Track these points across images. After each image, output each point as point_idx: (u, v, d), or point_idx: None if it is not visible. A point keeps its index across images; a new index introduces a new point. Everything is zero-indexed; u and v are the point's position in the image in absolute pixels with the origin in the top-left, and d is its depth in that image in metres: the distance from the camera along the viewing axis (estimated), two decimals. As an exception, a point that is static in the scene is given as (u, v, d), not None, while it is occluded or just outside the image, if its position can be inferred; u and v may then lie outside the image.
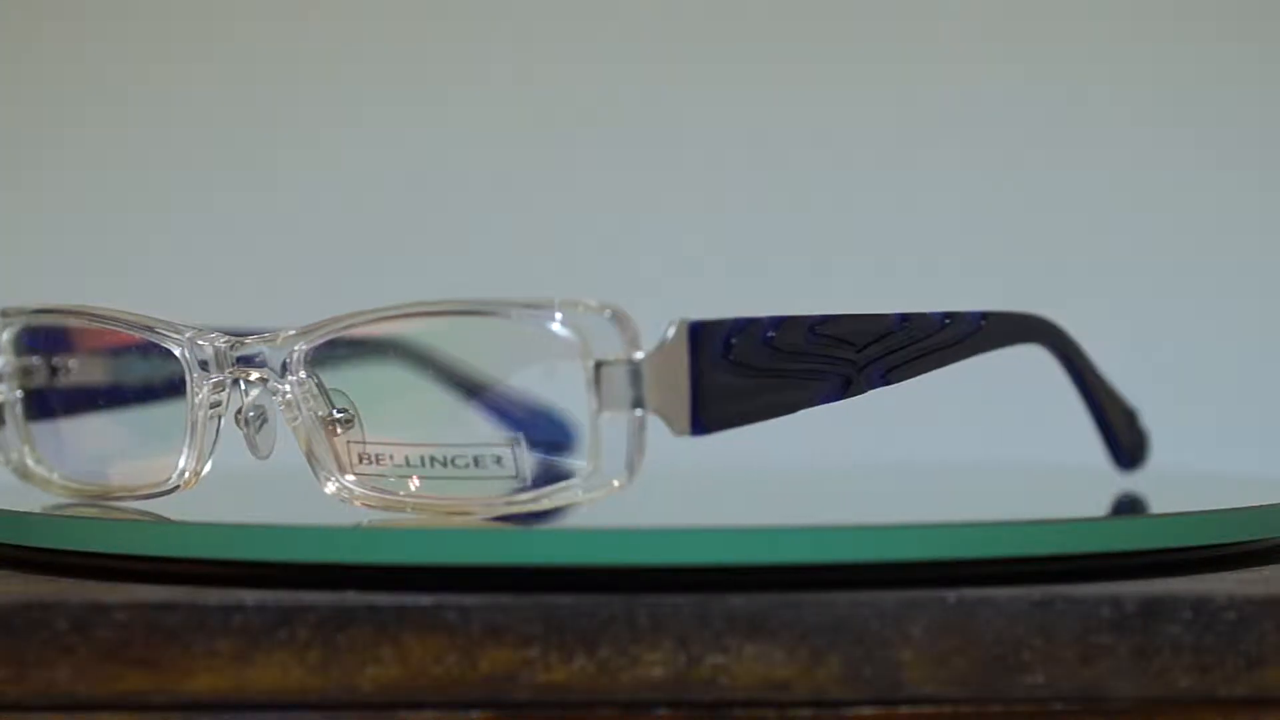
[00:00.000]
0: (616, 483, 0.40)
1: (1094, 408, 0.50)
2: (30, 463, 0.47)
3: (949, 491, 0.56)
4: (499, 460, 0.41)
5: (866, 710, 0.37)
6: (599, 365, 0.40)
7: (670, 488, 0.57)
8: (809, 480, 0.59)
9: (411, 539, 0.38)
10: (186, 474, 0.44)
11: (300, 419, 0.42)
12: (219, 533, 0.40)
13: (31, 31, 0.71)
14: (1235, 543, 0.43)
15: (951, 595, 0.37)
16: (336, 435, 0.42)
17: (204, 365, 0.43)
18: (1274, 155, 0.70)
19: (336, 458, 0.42)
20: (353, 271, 0.70)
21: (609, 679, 0.37)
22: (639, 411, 0.40)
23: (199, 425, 0.43)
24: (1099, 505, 0.50)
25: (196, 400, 0.43)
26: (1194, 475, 0.51)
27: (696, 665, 0.37)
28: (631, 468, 0.40)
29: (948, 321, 0.43)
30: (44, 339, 0.47)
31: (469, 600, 0.37)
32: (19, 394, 0.47)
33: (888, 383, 0.42)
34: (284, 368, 0.42)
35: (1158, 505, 0.48)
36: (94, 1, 0.71)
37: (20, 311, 0.47)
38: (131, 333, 0.45)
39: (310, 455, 0.42)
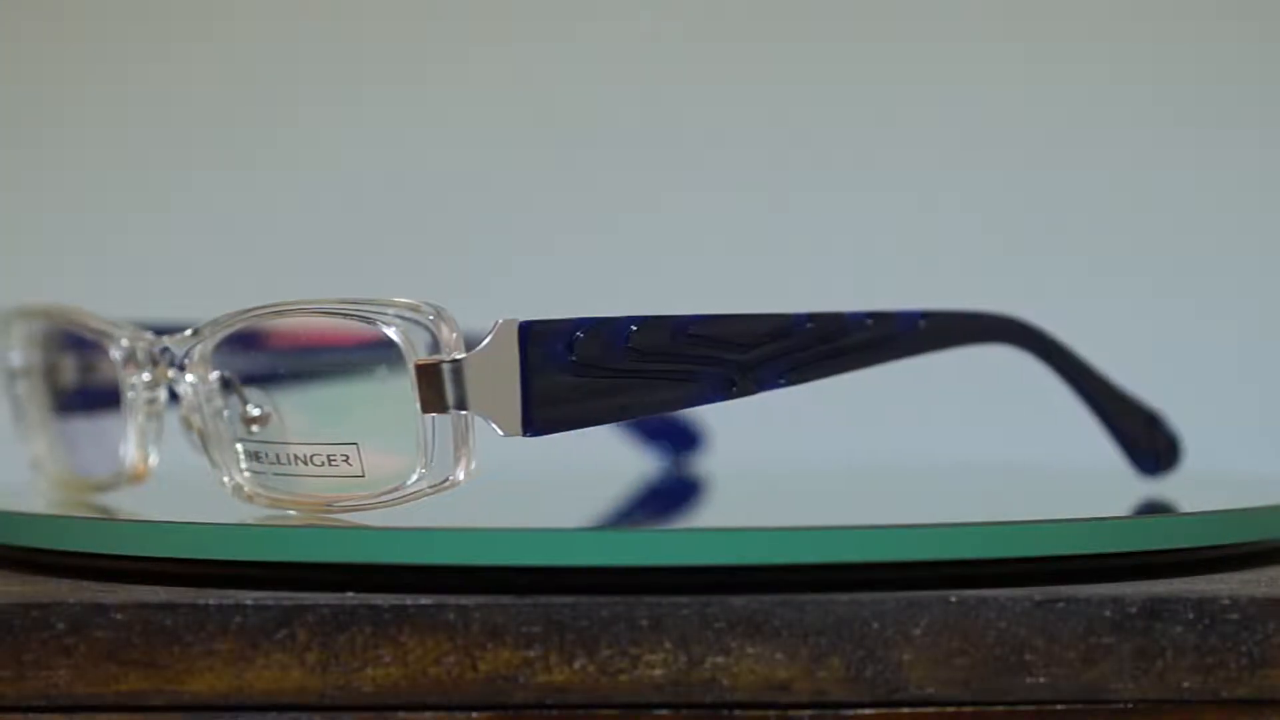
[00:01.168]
0: (449, 480, 0.40)
1: (1095, 409, 0.49)
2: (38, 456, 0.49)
3: (950, 492, 0.56)
4: (346, 459, 0.41)
5: (867, 711, 0.37)
6: (420, 366, 0.40)
7: (669, 488, 0.57)
8: (809, 480, 0.59)
9: (411, 539, 0.38)
10: (130, 467, 0.45)
11: (199, 415, 0.43)
12: (218, 533, 0.40)
13: (31, 31, 0.71)
14: (1238, 543, 0.42)
15: (953, 596, 0.37)
16: (225, 432, 0.43)
17: (133, 362, 0.44)
18: (1274, 155, 0.70)
19: (225, 454, 0.43)
20: (352, 272, 0.70)
21: (609, 680, 0.37)
22: (463, 411, 0.40)
23: (133, 419, 0.45)
24: (1101, 506, 0.50)
25: (128, 396, 0.45)
26: (1196, 476, 0.51)
27: (697, 666, 0.37)
28: (460, 467, 0.40)
29: (869, 321, 0.42)
30: (41, 338, 0.49)
31: (469, 600, 0.37)
32: (34, 389, 0.49)
33: (789, 383, 0.42)
34: (182, 365, 0.43)
35: (1159, 506, 0.48)
36: (94, 1, 0.71)
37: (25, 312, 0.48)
38: (78, 331, 0.46)
39: (206, 451, 0.43)
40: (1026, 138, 0.70)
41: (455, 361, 0.40)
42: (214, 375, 0.43)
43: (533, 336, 0.39)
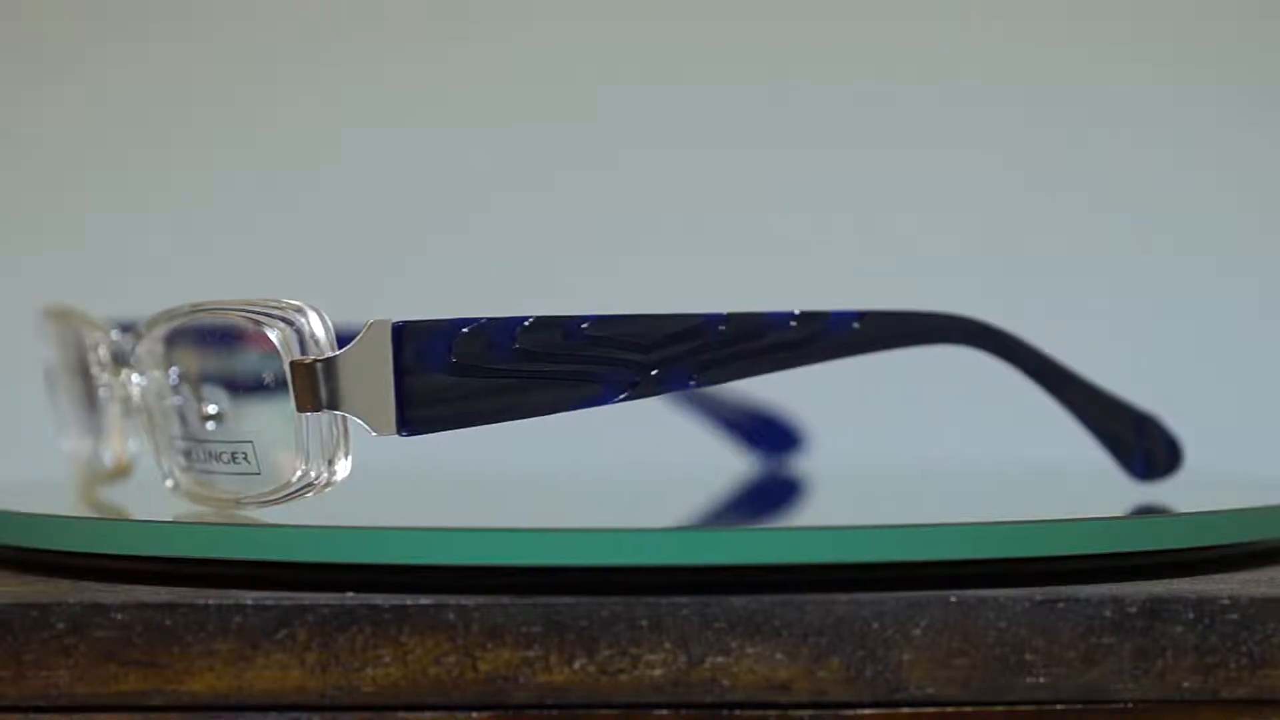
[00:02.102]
0: (326, 478, 0.41)
1: (1067, 406, 0.48)
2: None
3: (950, 492, 0.55)
4: (246, 457, 0.42)
5: (867, 711, 0.37)
6: (294, 365, 0.40)
7: (671, 488, 0.57)
8: (809, 480, 0.59)
9: (411, 539, 0.38)
10: (109, 458, 0.47)
11: (144, 414, 0.44)
12: (218, 533, 0.40)
13: (32, 31, 0.71)
14: (1238, 543, 0.42)
15: (953, 596, 0.37)
16: (161, 431, 0.43)
17: (98, 361, 0.46)
18: (1274, 155, 0.70)
19: (164, 452, 0.44)
20: (352, 270, 0.70)
21: (609, 680, 0.37)
22: (336, 411, 0.40)
23: (107, 415, 0.47)
24: (1101, 506, 0.50)
25: (100, 393, 0.46)
26: (1196, 476, 0.51)
27: (697, 666, 0.37)
28: (336, 466, 0.41)
29: (794, 322, 0.42)
30: (58, 337, 0.50)
31: (469, 600, 0.37)
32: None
33: (700, 384, 0.42)
34: (126, 362, 0.44)
35: (1159, 506, 0.48)
36: (94, 1, 0.71)
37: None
38: (79, 330, 0.47)
39: (149, 445, 0.44)
40: (1026, 137, 0.70)
41: (326, 361, 0.40)
42: (154, 374, 0.44)
43: (407, 336, 0.40)
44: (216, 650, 0.37)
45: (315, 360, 0.40)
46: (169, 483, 0.43)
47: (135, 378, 0.44)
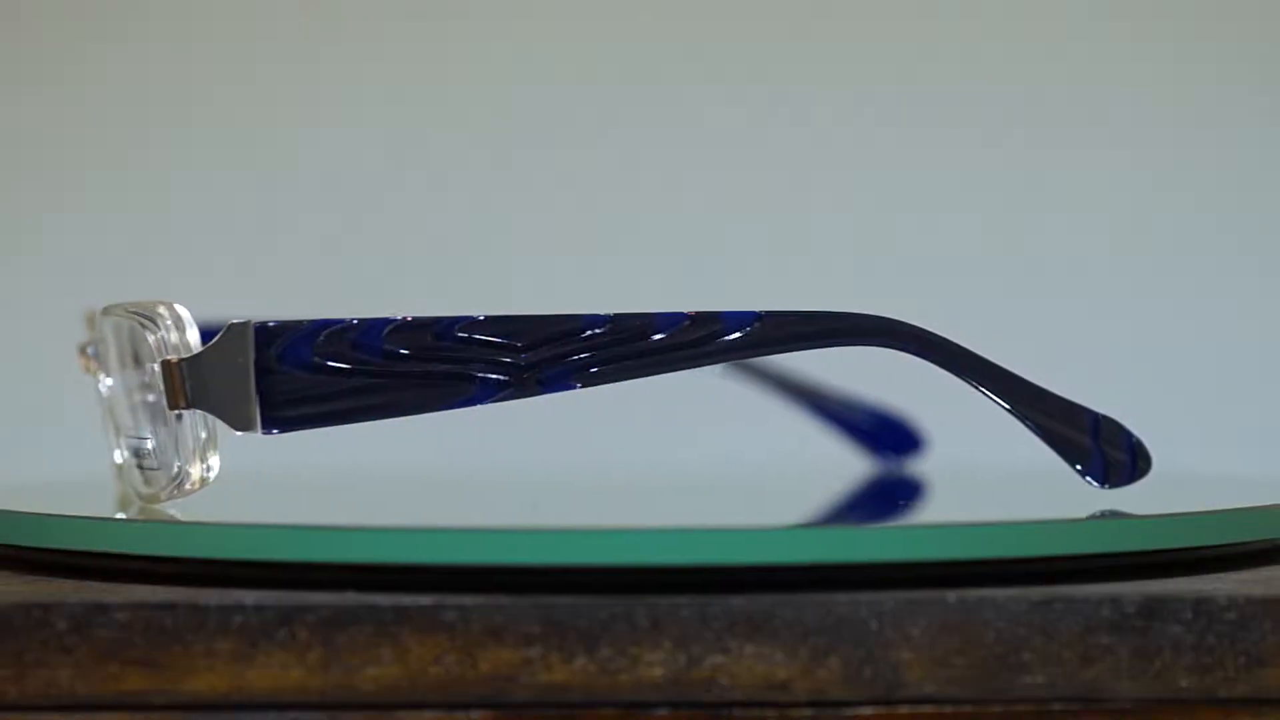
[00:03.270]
0: (200, 475, 0.42)
1: (1001, 401, 0.45)
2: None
3: (951, 492, 0.56)
4: (149, 454, 0.43)
5: (866, 710, 0.37)
6: (164, 365, 0.42)
7: (670, 489, 0.57)
8: (809, 480, 0.59)
9: (411, 539, 0.38)
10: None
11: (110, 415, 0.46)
12: (219, 533, 0.40)
13: (32, 31, 0.71)
14: (1236, 543, 0.43)
15: (952, 595, 0.37)
16: (111, 428, 0.45)
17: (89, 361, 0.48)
18: (1274, 155, 0.70)
19: (122, 451, 0.45)
20: (350, 272, 0.70)
21: (609, 679, 0.37)
22: (198, 409, 0.41)
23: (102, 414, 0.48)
24: (1100, 506, 0.50)
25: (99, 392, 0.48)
26: (1193, 475, 0.51)
27: (696, 665, 0.37)
28: (202, 462, 0.42)
29: (687, 323, 0.42)
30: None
31: (469, 600, 0.37)
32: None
33: (582, 384, 0.42)
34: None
35: (1157, 506, 0.48)
36: (94, 1, 0.71)
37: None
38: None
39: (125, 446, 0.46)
40: (1026, 138, 0.70)
41: (189, 360, 0.41)
42: (98, 374, 0.46)
43: (267, 337, 0.41)
44: (217, 650, 0.37)
45: (181, 360, 0.41)
46: (129, 479, 0.45)
47: (101, 376, 0.46)
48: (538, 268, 0.71)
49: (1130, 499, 0.48)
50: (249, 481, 0.53)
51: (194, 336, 0.42)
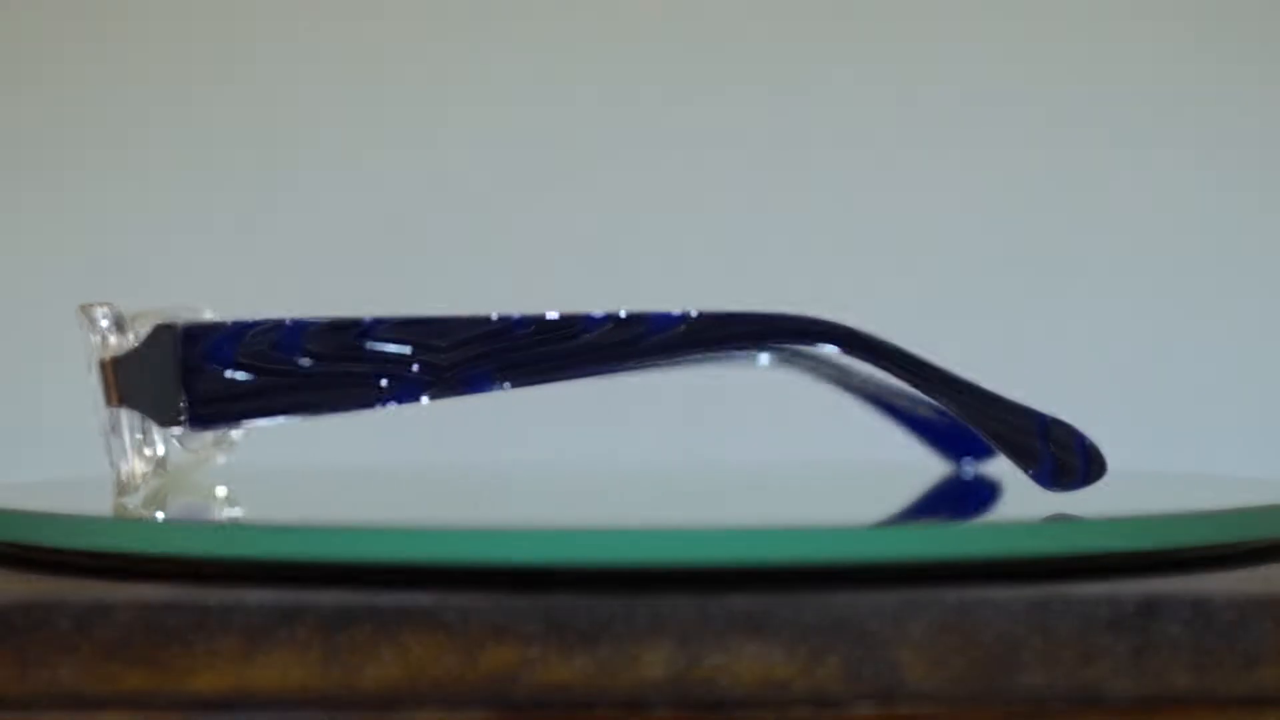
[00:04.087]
0: (139, 470, 0.44)
1: (964, 417, 0.44)
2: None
3: (949, 493, 0.56)
4: (111, 452, 0.45)
5: (866, 709, 0.37)
6: (100, 364, 0.43)
7: (669, 489, 0.57)
8: (808, 480, 0.59)
9: (411, 539, 0.38)
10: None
11: None
12: (221, 532, 0.40)
13: (32, 31, 0.71)
14: (1233, 543, 0.43)
15: (951, 595, 0.37)
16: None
17: None
18: (1274, 155, 0.70)
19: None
20: (351, 271, 0.70)
21: (609, 679, 0.37)
22: (129, 407, 0.43)
23: None
24: (1098, 506, 0.50)
25: None
26: (1192, 475, 0.51)
27: (696, 665, 0.37)
28: (138, 457, 0.44)
29: (611, 325, 0.42)
30: None
31: (469, 600, 0.37)
32: None
33: (507, 384, 0.43)
34: None
35: (1156, 505, 0.48)
36: (93, 1, 0.71)
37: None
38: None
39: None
40: (1025, 137, 0.70)
41: (118, 360, 0.43)
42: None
43: (192, 337, 0.42)
44: (219, 649, 0.37)
45: (113, 358, 0.43)
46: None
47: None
48: (536, 268, 0.71)
49: (1129, 499, 0.48)
50: (249, 481, 0.53)
51: (135, 337, 0.43)
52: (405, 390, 0.42)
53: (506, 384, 0.42)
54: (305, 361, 0.42)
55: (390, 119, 0.71)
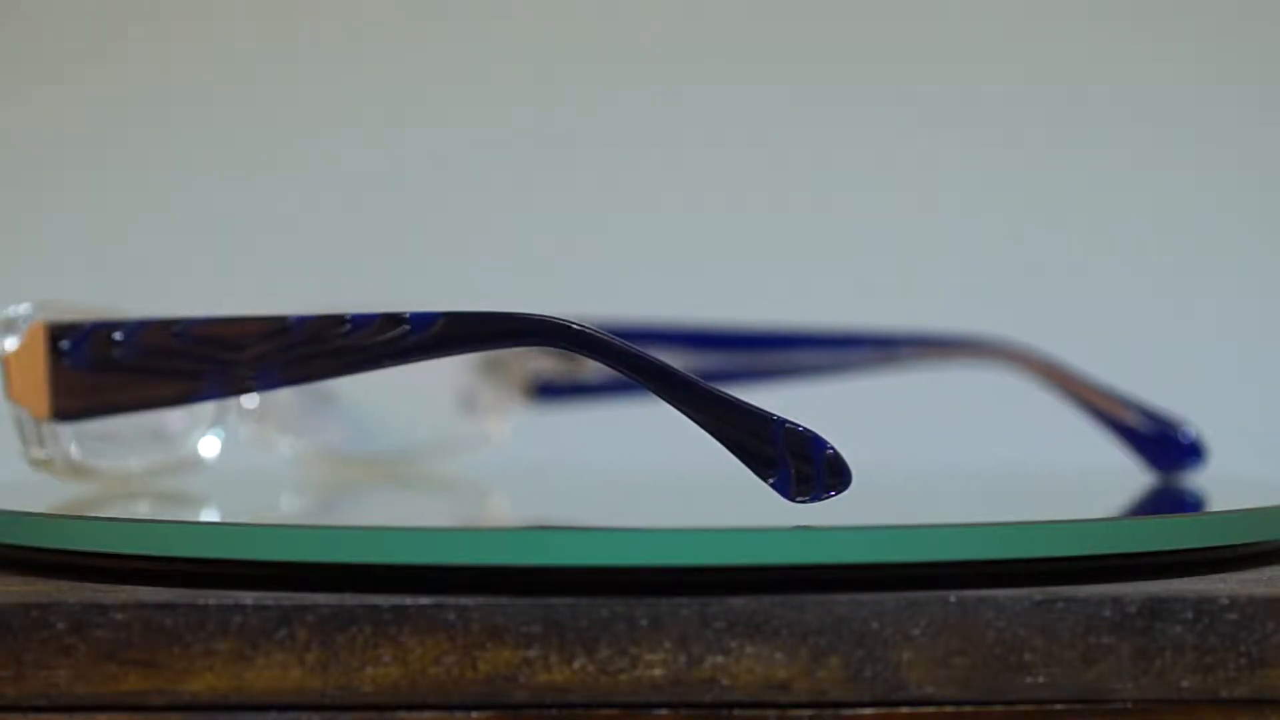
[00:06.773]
0: (37, 459, 0.46)
1: (692, 415, 0.41)
2: None
3: (950, 492, 0.56)
4: None
5: (867, 711, 0.37)
6: (3, 360, 0.45)
7: (667, 488, 0.57)
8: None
9: (411, 539, 0.38)
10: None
11: None
12: (219, 533, 0.40)
13: (32, 31, 0.71)
14: (1237, 543, 0.42)
15: (953, 596, 0.37)
16: None
17: None
18: (1273, 155, 0.70)
19: None
20: (350, 271, 0.70)
21: (609, 679, 0.37)
22: (18, 402, 0.45)
23: None
24: (1100, 506, 0.50)
25: None
26: (1193, 476, 0.51)
27: (696, 666, 0.37)
28: (34, 449, 0.46)
29: (378, 322, 0.42)
30: None
31: (469, 600, 0.37)
32: None
33: (295, 382, 0.44)
34: None
35: (1158, 506, 0.48)
36: (94, 1, 0.71)
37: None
38: None
39: None
40: (1026, 137, 0.70)
41: (7, 358, 0.45)
42: None
43: (56, 336, 0.44)
44: (216, 650, 0.37)
45: (6, 356, 0.45)
46: None
47: None
48: (535, 267, 0.71)
49: (1128, 500, 0.48)
50: (249, 481, 0.53)
51: (20, 335, 0.45)
52: (212, 388, 0.44)
53: (288, 382, 0.43)
54: (139, 360, 0.43)
55: (385, 118, 0.71)
